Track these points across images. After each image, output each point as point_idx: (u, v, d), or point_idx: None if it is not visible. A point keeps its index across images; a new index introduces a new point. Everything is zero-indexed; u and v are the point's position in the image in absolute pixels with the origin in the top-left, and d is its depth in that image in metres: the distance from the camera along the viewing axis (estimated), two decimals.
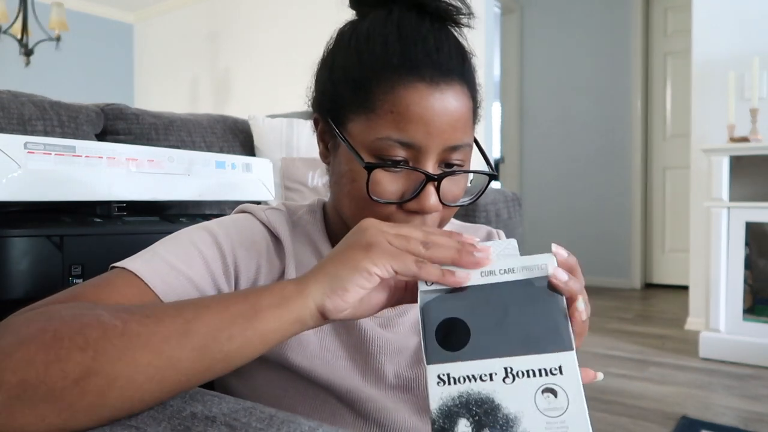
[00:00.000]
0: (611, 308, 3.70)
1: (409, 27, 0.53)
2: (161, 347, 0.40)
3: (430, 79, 0.52)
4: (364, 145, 0.53)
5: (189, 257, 0.56)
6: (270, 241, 0.62)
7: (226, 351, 0.41)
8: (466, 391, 0.37)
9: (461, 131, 0.54)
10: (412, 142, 0.52)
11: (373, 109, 0.53)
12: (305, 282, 0.44)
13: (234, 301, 0.43)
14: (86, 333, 0.39)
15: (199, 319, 0.42)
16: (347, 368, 0.59)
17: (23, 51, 4.02)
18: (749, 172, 2.63)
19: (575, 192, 4.68)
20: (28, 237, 0.75)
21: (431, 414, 0.37)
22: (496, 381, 0.38)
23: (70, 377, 0.37)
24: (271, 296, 0.43)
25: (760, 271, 2.50)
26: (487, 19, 3.36)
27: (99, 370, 0.38)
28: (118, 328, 0.40)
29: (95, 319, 0.41)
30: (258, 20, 4.39)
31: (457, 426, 0.36)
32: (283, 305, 0.43)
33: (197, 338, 0.41)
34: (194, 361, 0.40)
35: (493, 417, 0.37)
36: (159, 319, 0.41)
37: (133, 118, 1.60)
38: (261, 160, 1.15)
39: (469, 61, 0.57)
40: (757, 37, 2.75)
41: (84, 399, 0.38)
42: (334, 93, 0.57)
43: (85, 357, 0.38)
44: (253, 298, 0.43)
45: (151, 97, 5.23)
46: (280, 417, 0.41)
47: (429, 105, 0.51)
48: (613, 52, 4.52)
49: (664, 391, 2.11)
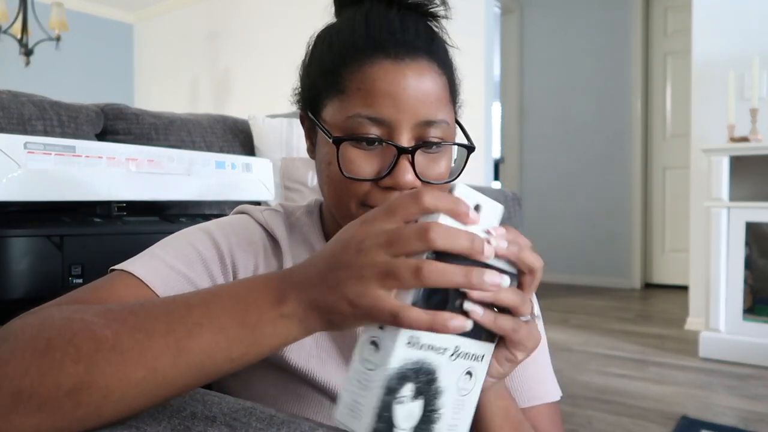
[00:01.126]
0: (611, 308, 3.70)
1: (375, 14, 0.55)
2: (154, 365, 0.39)
3: (395, 55, 0.52)
4: (338, 126, 0.54)
5: (188, 258, 0.56)
6: (267, 242, 0.62)
7: (224, 370, 0.40)
8: (422, 358, 0.37)
9: (433, 106, 0.53)
10: (381, 118, 0.52)
11: (343, 90, 0.54)
12: (306, 310, 0.40)
13: (230, 321, 0.40)
14: (78, 344, 0.39)
15: (193, 339, 0.39)
16: (342, 369, 0.59)
17: (23, 51, 4.02)
18: (749, 172, 2.63)
19: (575, 192, 4.68)
20: (28, 237, 0.75)
21: (387, 371, 0.35)
22: (445, 356, 0.39)
23: (63, 388, 0.37)
24: (271, 319, 0.40)
25: (760, 271, 2.50)
26: (487, 19, 3.36)
27: (92, 384, 0.37)
28: (110, 341, 0.39)
29: (86, 327, 0.40)
30: (258, 20, 4.39)
31: (403, 388, 0.36)
32: (281, 327, 0.40)
33: (191, 358, 0.39)
34: (190, 378, 0.40)
35: (428, 388, 0.38)
36: (150, 333, 0.40)
37: (133, 118, 1.60)
38: (261, 160, 1.15)
39: (440, 42, 0.57)
40: (757, 37, 2.75)
41: (78, 411, 0.37)
42: (311, 85, 0.59)
43: (78, 369, 0.38)
44: (252, 322, 0.40)
45: (151, 97, 5.24)
46: (280, 417, 0.41)
47: (395, 79, 0.52)
48: (613, 52, 4.52)
49: (664, 391, 2.11)
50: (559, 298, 4.01)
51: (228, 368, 0.40)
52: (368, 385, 0.36)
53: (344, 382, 0.37)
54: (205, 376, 0.40)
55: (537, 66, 4.85)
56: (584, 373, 2.31)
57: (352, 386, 0.37)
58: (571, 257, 4.63)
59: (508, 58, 4.97)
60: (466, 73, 2.37)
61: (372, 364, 0.36)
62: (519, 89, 4.94)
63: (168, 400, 0.41)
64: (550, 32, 4.79)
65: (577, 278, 4.59)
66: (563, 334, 2.99)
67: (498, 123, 4.96)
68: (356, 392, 0.37)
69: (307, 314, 0.40)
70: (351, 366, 0.37)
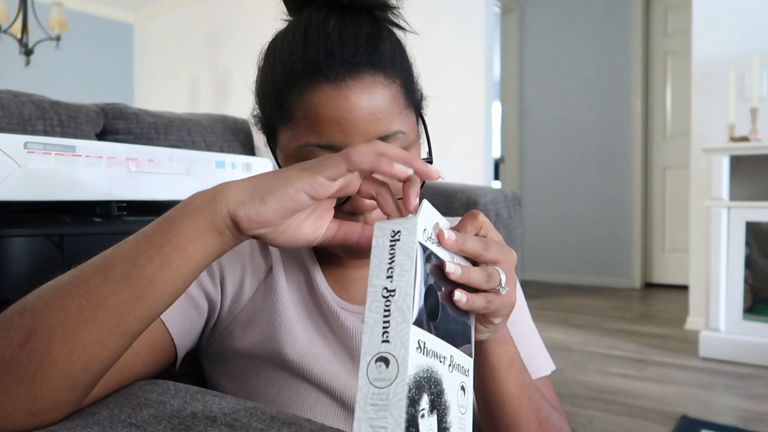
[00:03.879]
0: (611, 308, 3.70)
1: (314, 29, 0.52)
2: (86, 288, 0.40)
3: (335, 77, 0.50)
4: (291, 156, 0.53)
5: None
6: (255, 242, 0.63)
7: (149, 274, 0.40)
8: (430, 366, 0.36)
9: (383, 121, 0.52)
10: (330, 144, 0.51)
11: (291, 119, 0.52)
12: (222, 186, 0.42)
13: (152, 224, 0.42)
14: (26, 300, 0.41)
15: (119, 250, 0.41)
16: (336, 364, 0.59)
17: (23, 51, 4.02)
18: (749, 172, 2.63)
19: (575, 192, 4.68)
20: (28, 237, 0.75)
21: (407, 379, 0.33)
22: (445, 365, 0.38)
23: (14, 342, 0.39)
24: (185, 207, 0.42)
25: (760, 271, 2.50)
26: (487, 19, 3.36)
27: (37, 328, 0.39)
28: (50, 285, 0.41)
29: (37, 290, 0.42)
30: (258, 20, 4.39)
31: (421, 400, 0.34)
32: (196, 212, 0.41)
33: (119, 269, 0.40)
34: (120, 292, 0.40)
35: (439, 401, 0.36)
36: (85, 265, 0.42)
37: (133, 118, 1.60)
38: (261, 160, 1.15)
39: (387, 45, 0.54)
40: (757, 37, 2.75)
41: (32, 360, 0.38)
42: (263, 110, 0.58)
43: (24, 320, 0.39)
44: (168, 215, 0.42)
45: (151, 96, 5.23)
46: (281, 418, 0.41)
47: (337, 104, 0.50)
48: (613, 52, 4.52)
49: (664, 391, 2.11)
50: (559, 298, 4.01)
51: (151, 270, 0.40)
52: (388, 404, 0.33)
53: (357, 414, 0.34)
54: (134, 287, 0.40)
55: (537, 66, 4.85)
56: (584, 372, 2.31)
57: (367, 414, 0.34)
58: (571, 257, 4.63)
59: (508, 58, 4.97)
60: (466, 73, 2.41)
61: (386, 381, 0.34)
62: (519, 89, 4.94)
63: (117, 336, 0.41)
64: (550, 32, 4.79)
65: (577, 278, 4.59)
66: (563, 333, 2.99)
67: (498, 123, 4.96)
68: (375, 417, 0.33)
69: (225, 193, 0.42)
70: (360, 394, 0.34)
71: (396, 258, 0.37)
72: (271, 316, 0.59)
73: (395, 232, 0.39)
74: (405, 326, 0.35)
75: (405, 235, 0.38)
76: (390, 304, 0.36)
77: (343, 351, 0.60)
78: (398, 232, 0.39)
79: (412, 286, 0.36)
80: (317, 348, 0.60)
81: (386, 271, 0.38)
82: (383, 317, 0.36)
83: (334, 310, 0.60)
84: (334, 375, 0.58)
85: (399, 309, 0.36)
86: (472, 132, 3.37)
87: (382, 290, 0.37)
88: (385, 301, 0.36)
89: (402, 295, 0.36)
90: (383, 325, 0.36)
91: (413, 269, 0.37)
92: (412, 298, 0.36)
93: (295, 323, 0.60)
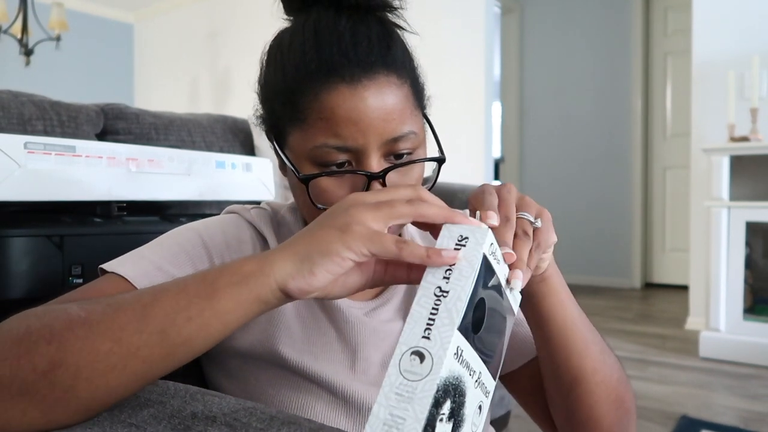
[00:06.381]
0: (611, 308, 3.70)
1: (325, 28, 0.52)
2: (120, 335, 0.39)
3: (350, 77, 0.50)
4: (304, 156, 0.53)
5: (176, 258, 0.56)
6: (257, 241, 0.63)
7: (186, 334, 0.40)
8: (460, 376, 0.36)
9: (397, 122, 0.52)
10: (346, 145, 0.51)
11: (304, 119, 0.52)
12: (269, 258, 0.41)
13: (193, 281, 0.42)
14: (53, 325, 0.40)
15: (157, 303, 0.41)
16: (335, 361, 0.59)
17: (23, 51, 4.02)
18: (749, 172, 2.63)
19: (575, 192, 4.68)
20: (28, 237, 0.75)
21: (438, 379, 0.34)
22: (473, 380, 0.38)
23: (38, 370, 0.38)
24: (230, 274, 0.41)
25: (760, 271, 2.50)
26: (487, 19, 3.36)
27: (63, 362, 0.39)
28: (81, 317, 0.40)
29: (63, 311, 0.41)
30: (258, 19, 4.39)
31: (444, 405, 0.34)
32: (242, 283, 0.41)
33: (155, 322, 0.40)
34: (153, 346, 0.40)
35: (458, 412, 0.36)
36: (119, 306, 0.41)
37: (133, 118, 1.60)
38: (261, 160, 1.15)
39: (398, 45, 0.55)
40: (757, 37, 2.75)
41: (54, 392, 0.38)
42: (271, 110, 0.57)
43: (51, 349, 0.39)
44: (212, 277, 0.41)
45: (151, 96, 5.23)
46: (281, 418, 0.41)
47: (353, 105, 0.50)
48: (613, 52, 4.52)
49: (665, 391, 2.11)
50: None
51: (188, 331, 0.40)
52: (413, 397, 0.33)
53: (379, 398, 0.34)
54: (168, 344, 0.40)
55: (537, 66, 4.85)
56: None
57: (389, 401, 0.34)
58: (571, 257, 4.63)
59: (508, 58, 4.97)
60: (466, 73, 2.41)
61: (417, 375, 0.34)
62: (519, 89, 4.94)
63: (140, 380, 0.41)
64: (550, 32, 4.79)
65: (577, 278, 4.58)
66: None
67: (498, 123, 4.96)
68: (396, 406, 0.33)
69: (273, 267, 0.41)
70: (387, 380, 0.34)
71: (457, 262, 0.38)
72: (270, 315, 0.59)
73: (463, 237, 0.39)
74: (450, 329, 0.35)
75: (472, 243, 0.39)
76: (440, 304, 0.36)
77: (344, 347, 0.60)
78: (466, 238, 0.39)
79: (467, 292, 0.36)
80: (316, 346, 0.60)
81: (444, 271, 0.38)
82: (430, 314, 0.36)
83: (337, 305, 0.60)
84: (333, 372, 0.58)
85: (448, 311, 0.36)
86: (472, 132, 3.36)
87: (435, 288, 0.37)
88: (436, 300, 0.37)
89: (454, 299, 0.36)
90: (428, 322, 0.36)
91: (472, 277, 0.37)
92: (464, 304, 0.36)
93: (293, 321, 0.60)
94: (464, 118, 3.37)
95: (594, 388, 0.56)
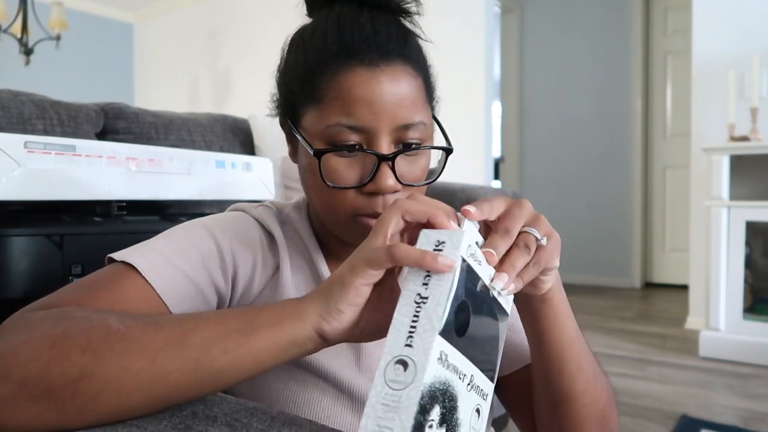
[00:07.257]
0: (611, 308, 3.70)
1: (347, 18, 0.55)
2: (155, 356, 0.40)
3: (369, 61, 0.53)
4: (318, 135, 0.55)
5: (186, 253, 0.56)
6: (264, 238, 0.63)
7: (218, 367, 0.40)
8: (448, 380, 0.36)
9: (410, 110, 0.54)
10: (360, 125, 0.53)
11: (320, 99, 0.54)
12: (304, 302, 0.43)
13: (233, 315, 0.43)
14: (90, 334, 0.40)
15: (196, 331, 0.41)
16: (342, 357, 0.60)
17: (23, 50, 4.02)
18: (749, 171, 2.63)
19: (575, 191, 4.68)
20: (28, 236, 0.75)
21: (422, 386, 0.33)
22: (464, 384, 0.38)
23: (67, 377, 0.38)
24: (270, 314, 0.42)
25: (760, 271, 2.50)
26: (487, 18, 3.36)
27: (94, 373, 0.38)
28: (120, 332, 0.40)
29: (103, 321, 0.41)
30: (258, 19, 4.39)
31: (432, 411, 0.34)
32: (279, 324, 0.42)
33: (191, 350, 0.40)
34: (185, 373, 0.40)
35: (451, 417, 0.36)
36: (159, 326, 0.41)
37: (133, 117, 1.60)
38: (261, 159, 1.15)
39: (414, 42, 0.58)
40: (757, 37, 2.75)
41: (76, 400, 0.38)
42: (287, 92, 0.59)
43: (84, 358, 0.39)
44: (252, 315, 0.42)
45: (151, 96, 5.23)
46: (282, 419, 0.41)
47: (370, 86, 0.52)
48: (613, 52, 4.52)
49: (665, 390, 2.11)
50: None
51: (221, 364, 0.40)
52: (398, 406, 0.34)
53: (366, 410, 0.34)
54: (200, 373, 0.40)
55: (537, 66, 4.85)
56: None
57: (376, 411, 0.34)
58: (571, 257, 4.63)
59: (508, 58, 4.97)
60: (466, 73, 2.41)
61: (401, 383, 0.34)
62: (519, 89, 4.94)
63: (163, 403, 0.41)
64: (550, 32, 4.79)
65: (577, 277, 4.59)
66: None
67: (498, 123, 4.96)
68: (383, 416, 0.34)
69: (307, 310, 0.42)
70: (373, 391, 0.35)
71: None
72: None
73: (440, 242, 0.39)
74: (430, 334, 0.35)
75: (449, 247, 0.39)
76: (420, 311, 0.36)
77: (349, 344, 0.60)
78: (442, 243, 0.39)
79: (445, 296, 0.37)
80: None
81: (423, 278, 0.38)
82: (411, 321, 0.36)
83: None
84: (340, 368, 0.59)
85: (428, 317, 0.36)
86: (472, 132, 3.36)
87: (415, 296, 0.37)
88: (416, 307, 0.37)
89: (434, 304, 0.36)
90: (409, 330, 0.36)
91: (450, 281, 0.37)
92: (444, 308, 0.36)
93: None
94: (464, 117, 3.37)
95: (581, 409, 0.56)
